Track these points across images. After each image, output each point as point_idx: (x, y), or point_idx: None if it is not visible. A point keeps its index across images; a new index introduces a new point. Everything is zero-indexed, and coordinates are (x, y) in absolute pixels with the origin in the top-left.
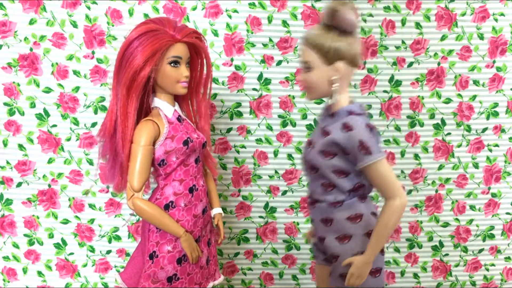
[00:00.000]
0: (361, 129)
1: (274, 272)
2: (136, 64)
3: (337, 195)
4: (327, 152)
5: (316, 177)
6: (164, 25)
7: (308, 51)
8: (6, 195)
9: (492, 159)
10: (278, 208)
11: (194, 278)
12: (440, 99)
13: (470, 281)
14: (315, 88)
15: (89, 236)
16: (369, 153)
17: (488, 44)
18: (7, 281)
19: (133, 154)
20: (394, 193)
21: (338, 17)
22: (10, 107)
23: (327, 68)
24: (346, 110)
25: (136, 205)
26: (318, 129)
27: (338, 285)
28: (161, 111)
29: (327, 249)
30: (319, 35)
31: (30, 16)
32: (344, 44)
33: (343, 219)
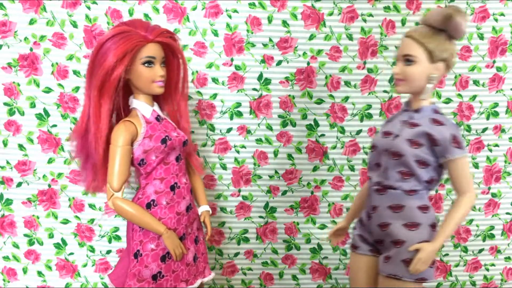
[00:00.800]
0: (453, 125)
1: (274, 272)
2: (107, 65)
3: (413, 183)
4: (415, 142)
5: (396, 164)
6: (136, 27)
7: (414, 46)
8: (6, 195)
9: (492, 159)
10: (278, 208)
11: (180, 275)
12: (440, 99)
13: (470, 281)
14: (412, 82)
15: (89, 236)
16: (460, 148)
17: (488, 44)
18: (7, 281)
19: (112, 155)
20: (469, 188)
21: (452, 24)
22: (10, 107)
23: (429, 65)
24: (431, 108)
25: (116, 205)
26: (396, 122)
27: (399, 270)
28: (138, 112)
29: (391, 235)
30: (429, 35)
31: (30, 16)
32: (449, 49)
33: (415, 207)
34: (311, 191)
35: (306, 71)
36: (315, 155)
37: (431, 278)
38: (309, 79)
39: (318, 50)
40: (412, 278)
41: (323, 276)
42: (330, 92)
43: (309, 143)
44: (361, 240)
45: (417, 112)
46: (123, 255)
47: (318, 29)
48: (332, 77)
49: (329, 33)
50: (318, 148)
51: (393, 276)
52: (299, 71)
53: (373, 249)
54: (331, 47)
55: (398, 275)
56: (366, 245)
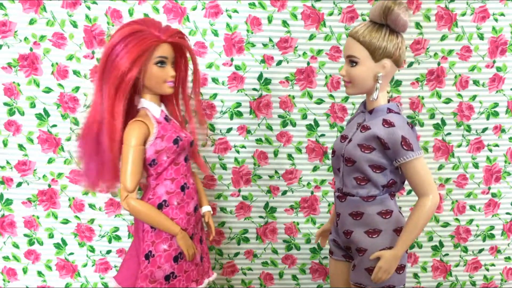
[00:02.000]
0: (403, 126)
1: (274, 272)
2: (124, 66)
3: (370, 189)
4: (366, 146)
5: (351, 170)
6: (148, 26)
7: (356, 46)
8: (6, 195)
9: (492, 159)
10: (278, 208)
11: (191, 276)
12: (440, 99)
13: (470, 281)
14: (358, 83)
15: (89, 236)
16: (411, 149)
17: (488, 44)
18: (7, 281)
19: (125, 155)
20: (429, 191)
21: (392, 17)
22: (10, 107)
23: (374, 64)
24: (386, 107)
25: (131, 205)
26: (353, 124)
27: (363, 278)
28: (148, 112)
29: (354, 243)
30: (370, 32)
31: (30, 16)
32: (393, 44)
33: (374, 213)
34: (311, 191)
35: (306, 71)
36: (315, 155)
37: (400, 284)
38: (309, 79)
39: (318, 50)
40: (377, 286)
41: (323, 276)
42: (330, 92)
43: (309, 143)
44: (334, 245)
45: (371, 113)
46: (129, 257)
47: (318, 29)
48: (332, 77)
49: (329, 33)
50: (318, 148)
51: (358, 284)
52: (299, 71)
53: (346, 255)
54: (331, 47)
55: (363, 283)
56: (339, 251)
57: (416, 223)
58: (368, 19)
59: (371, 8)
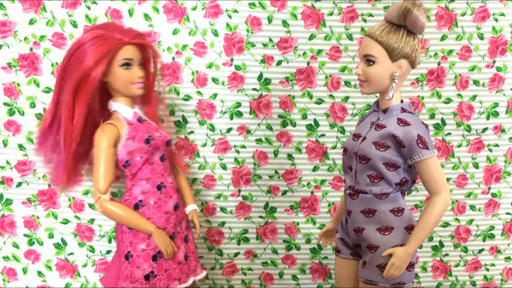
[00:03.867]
0: (418, 125)
1: (274, 272)
2: (84, 68)
3: (383, 187)
4: (381, 144)
5: (365, 168)
6: (110, 30)
7: (374, 46)
8: (6, 195)
9: (492, 159)
10: (278, 208)
11: (173, 274)
12: (440, 99)
13: (470, 281)
14: (375, 82)
15: (89, 236)
16: (426, 148)
17: (488, 44)
18: (7, 281)
19: (96, 158)
20: (441, 189)
21: (411, 19)
22: (10, 107)
23: (391, 64)
24: (400, 107)
25: (104, 207)
26: (366, 123)
27: (374, 275)
28: (119, 114)
29: (365, 240)
30: (388, 32)
31: (30, 16)
32: (410, 45)
33: (387, 211)
34: (311, 191)
35: (306, 71)
36: (315, 155)
37: (410, 281)
38: (309, 79)
39: (318, 50)
40: (388, 283)
41: (323, 276)
42: (330, 92)
43: (309, 143)
44: (342, 243)
45: (385, 113)
46: (114, 259)
47: (318, 29)
48: (332, 77)
49: (329, 33)
50: (318, 148)
51: (369, 281)
52: (299, 71)
53: (353, 253)
54: (331, 47)
55: (374, 280)
56: (347, 249)
57: (428, 221)
58: (384, 19)
59: (388, 9)
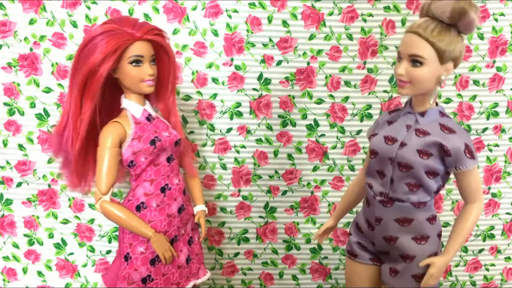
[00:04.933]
0: (463, 132)
1: (274, 272)
2: (92, 62)
3: (421, 195)
4: (425, 152)
5: (404, 176)
6: (122, 25)
7: (423, 45)
8: (6, 195)
9: (492, 159)
10: (278, 208)
11: (171, 278)
12: (440, 99)
13: (470, 281)
14: (420, 84)
15: (89, 236)
16: (473, 158)
17: (488, 44)
18: (7, 281)
19: (99, 157)
20: (478, 197)
21: (465, 19)
22: (10, 107)
23: (439, 66)
24: (438, 110)
25: (104, 208)
26: (400, 126)
27: (410, 285)
28: (128, 112)
29: (399, 249)
30: (440, 33)
31: (30, 16)
32: (459, 47)
33: (424, 220)
34: (311, 191)
35: (306, 71)
36: (315, 155)
37: (438, 286)
38: (309, 79)
39: (318, 50)
40: None
41: (323, 276)
42: (330, 92)
43: (309, 143)
44: (360, 248)
45: (423, 116)
46: (116, 257)
47: (318, 29)
48: (332, 77)
49: (329, 33)
50: (318, 148)
51: None
52: (299, 71)
53: (373, 258)
54: (331, 47)
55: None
56: (366, 253)
57: (465, 230)
58: (430, 16)
59: (437, 5)
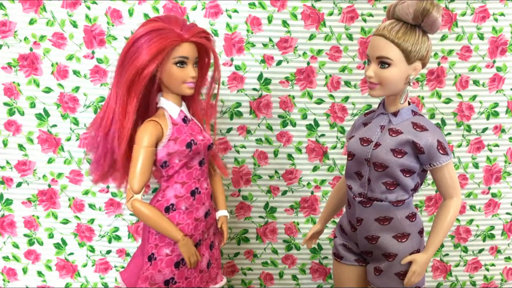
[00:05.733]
0: (436, 129)
1: (274, 272)
2: (140, 62)
3: (399, 194)
4: (399, 151)
5: (380, 175)
6: (171, 24)
7: (390, 47)
8: (6, 195)
9: (492, 159)
10: (278, 208)
11: (193, 283)
12: (440, 99)
13: (470, 281)
14: (389, 85)
15: (89, 236)
16: (446, 153)
17: (488, 44)
18: (7, 281)
19: (135, 155)
20: (457, 192)
21: (429, 19)
22: (10, 107)
23: (407, 67)
24: (410, 109)
25: (135, 207)
26: (374, 127)
27: (393, 283)
28: (166, 112)
29: (381, 248)
30: (405, 34)
31: (30, 16)
32: (425, 46)
33: (403, 217)
34: (311, 191)
35: (306, 71)
36: (315, 155)
37: (423, 284)
38: (309, 79)
39: (318, 50)
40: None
41: (323, 276)
42: (330, 92)
43: (309, 143)
44: (345, 250)
45: (395, 116)
46: (136, 254)
47: (318, 29)
48: (332, 77)
49: (329, 33)
50: (318, 148)
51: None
52: (299, 71)
53: (358, 259)
54: (331, 47)
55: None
56: (351, 255)
57: (446, 225)
58: (394, 18)
59: (400, 7)
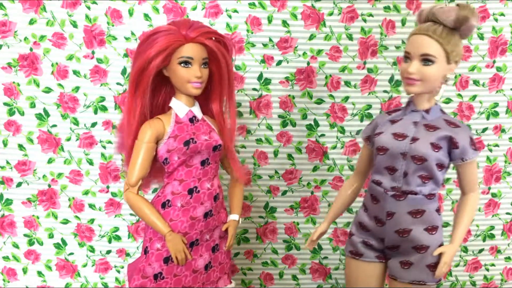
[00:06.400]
0: (466, 126)
1: (274, 272)
2: (145, 57)
3: (432, 187)
4: (437, 145)
5: (418, 168)
6: (179, 26)
7: (434, 45)
8: (6, 195)
9: (492, 159)
10: (278, 208)
11: (182, 281)
12: (440, 99)
13: (470, 281)
14: (430, 82)
15: (89, 236)
16: (477, 149)
17: (488, 44)
18: (7, 281)
19: (135, 150)
20: (476, 187)
21: (467, 25)
22: (10, 107)
23: (446, 66)
24: (438, 107)
25: (128, 198)
26: (407, 123)
27: (424, 275)
28: (173, 111)
29: (413, 241)
30: (447, 35)
31: (30, 16)
32: (461, 48)
33: (433, 210)
34: (311, 191)
35: (306, 71)
36: (315, 155)
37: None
38: (309, 79)
39: (318, 50)
40: (434, 282)
41: (323, 276)
42: (330, 92)
43: (309, 143)
44: (365, 247)
45: (428, 113)
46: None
47: (318, 29)
48: (332, 77)
49: (329, 33)
50: (318, 148)
51: (418, 282)
52: (299, 71)
53: (379, 255)
54: (331, 47)
55: (424, 280)
56: (372, 252)
57: (469, 217)
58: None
59: (442, 11)
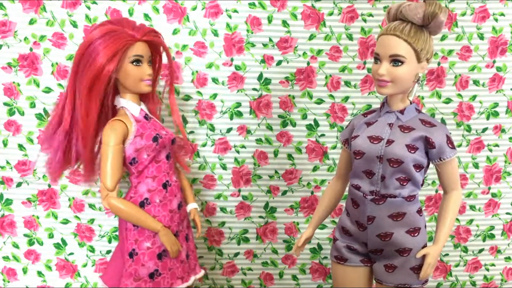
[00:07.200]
0: (442, 125)
1: (274, 272)
2: (98, 65)
3: (411, 189)
4: (412, 146)
5: (395, 171)
6: (123, 26)
7: (403, 46)
8: (6, 195)
9: (492, 159)
10: (278, 208)
11: (176, 273)
12: (440, 99)
13: (470, 281)
14: (401, 83)
15: (89, 236)
16: (454, 148)
17: (488, 44)
18: (7, 281)
19: (104, 155)
20: (459, 185)
21: (436, 21)
22: (10, 107)
23: (417, 65)
24: (413, 107)
25: (111, 204)
26: (382, 125)
27: (409, 278)
28: (127, 111)
29: (395, 244)
30: (415, 33)
31: (30, 16)
32: (431, 46)
33: (414, 212)
34: (311, 191)
35: (306, 71)
36: (315, 155)
37: (429, 277)
38: (309, 79)
39: (318, 50)
40: (420, 284)
41: (323, 276)
42: (330, 92)
43: (309, 143)
44: (349, 251)
45: (402, 113)
46: (115, 256)
47: (318, 29)
48: (332, 77)
49: (329, 33)
50: (318, 148)
51: (403, 285)
52: (299, 71)
53: (364, 259)
54: (331, 47)
55: (408, 283)
56: (356, 256)
57: (453, 216)
58: (400, 18)
59: (408, 8)
